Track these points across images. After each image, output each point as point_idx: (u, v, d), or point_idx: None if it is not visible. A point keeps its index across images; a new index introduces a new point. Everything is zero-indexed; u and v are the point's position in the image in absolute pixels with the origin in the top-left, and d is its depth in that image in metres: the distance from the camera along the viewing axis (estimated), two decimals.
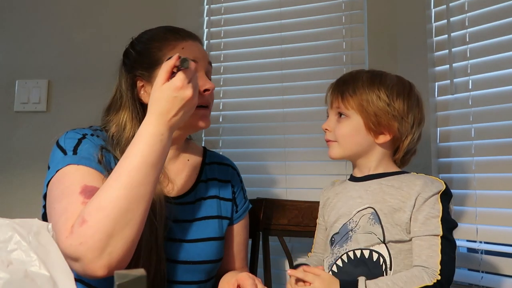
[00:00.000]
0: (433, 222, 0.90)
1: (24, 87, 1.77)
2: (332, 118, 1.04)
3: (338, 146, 1.03)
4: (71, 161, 0.93)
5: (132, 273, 0.51)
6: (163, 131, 0.87)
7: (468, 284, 1.24)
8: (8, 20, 1.82)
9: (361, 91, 1.00)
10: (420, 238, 0.91)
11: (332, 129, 1.03)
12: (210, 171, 1.16)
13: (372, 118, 0.99)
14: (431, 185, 0.94)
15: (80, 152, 0.95)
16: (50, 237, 0.64)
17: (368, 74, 1.03)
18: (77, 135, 0.99)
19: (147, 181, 0.86)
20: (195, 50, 1.05)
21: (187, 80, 0.88)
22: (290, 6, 1.63)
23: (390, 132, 0.99)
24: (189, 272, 1.04)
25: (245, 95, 1.66)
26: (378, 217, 0.94)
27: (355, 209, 0.98)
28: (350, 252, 0.95)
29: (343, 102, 1.01)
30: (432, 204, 0.92)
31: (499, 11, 1.26)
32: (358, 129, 1.00)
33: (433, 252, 0.88)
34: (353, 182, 1.05)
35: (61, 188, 0.91)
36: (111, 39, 1.74)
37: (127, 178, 0.84)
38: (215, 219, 1.10)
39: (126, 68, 1.07)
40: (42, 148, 1.05)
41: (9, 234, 0.60)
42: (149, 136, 0.87)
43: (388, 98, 0.99)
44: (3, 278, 0.55)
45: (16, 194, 1.73)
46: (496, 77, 1.26)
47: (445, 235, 0.90)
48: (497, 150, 1.25)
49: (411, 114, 1.00)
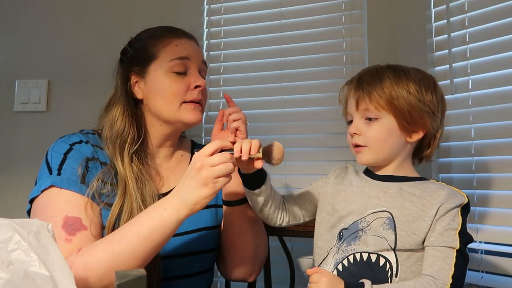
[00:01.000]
0: (451, 234, 0.88)
1: (24, 87, 1.77)
2: (358, 121, 0.97)
3: (370, 151, 0.97)
4: (54, 182, 0.95)
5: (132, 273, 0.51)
6: (182, 217, 0.87)
7: (468, 284, 1.24)
8: (8, 20, 1.82)
9: (390, 89, 0.94)
10: (435, 248, 0.88)
11: (362, 133, 0.97)
12: None
13: (406, 117, 0.94)
14: (454, 197, 0.91)
15: (64, 172, 0.97)
16: (50, 237, 0.64)
17: (391, 71, 0.98)
18: (65, 147, 1.00)
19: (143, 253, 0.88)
20: (189, 47, 1.08)
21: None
22: (290, 6, 1.63)
23: (424, 128, 0.96)
24: (185, 264, 1.05)
25: (245, 95, 1.65)
26: (394, 223, 0.91)
27: (370, 209, 0.95)
28: (357, 253, 0.93)
29: (372, 103, 0.95)
30: (452, 216, 0.89)
31: (499, 11, 1.26)
32: (391, 130, 0.95)
33: (447, 265, 0.86)
34: (370, 178, 1.01)
35: (44, 216, 0.93)
36: (111, 39, 1.73)
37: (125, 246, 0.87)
38: (208, 209, 1.11)
39: (122, 65, 1.10)
40: (42, 148, 1.06)
41: (9, 234, 0.60)
42: (165, 218, 0.87)
43: (418, 92, 0.95)
44: (3, 278, 0.55)
45: (16, 194, 1.72)
46: (496, 77, 1.26)
47: (461, 249, 0.87)
48: (497, 150, 1.25)
49: (440, 107, 0.98)
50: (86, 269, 0.85)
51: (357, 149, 0.98)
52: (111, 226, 0.97)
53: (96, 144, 1.04)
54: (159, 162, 1.10)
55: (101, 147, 1.04)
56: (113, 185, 0.99)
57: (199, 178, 0.83)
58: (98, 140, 1.06)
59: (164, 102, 1.03)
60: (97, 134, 1.07)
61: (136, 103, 1.08)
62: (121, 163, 1.00)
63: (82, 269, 0.85)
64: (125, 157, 1.01)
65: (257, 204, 1.00)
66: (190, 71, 1.06)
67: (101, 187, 0.98)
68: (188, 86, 1.04)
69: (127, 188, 0.99)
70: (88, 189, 0.96)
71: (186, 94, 1.04)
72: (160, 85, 1.03)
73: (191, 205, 0.85)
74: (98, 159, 1.02)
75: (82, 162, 0.98)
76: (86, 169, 0.98)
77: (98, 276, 0.85)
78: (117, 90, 1.08)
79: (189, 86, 1.04)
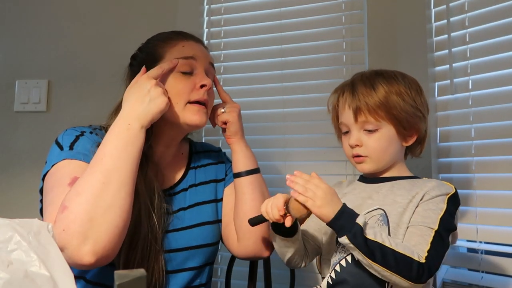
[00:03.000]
0: (432, 216, 0.89)
1: (24, 87, 1.77)
2: (357, 132, 0.99)
3: (371, 161, 0.99)
4: (66, 156, 0.95)
5: (132, 273, 0.51)
6: (129, 121, 0.91)
7: (468, 284, 1.24)
8: (8, 20, 1.82)
9: (387, 98, 0.96)
10: (413, 226, 0.89)
11: (363, 144, 0.98)
12: (199, 158, 1.18)
13: (404, 123, 0.97)
14: (441, 186, 0.93)
15: (76, 148, 0.97)
16: (50, 237, 0.64)
17: (382, 78, 1.00)
18: (76, 132, 1.01)
19: (120, 166, 0.88)
20: (195, 48, 1.08)
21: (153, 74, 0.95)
22: (290, 6, 1.63)
23: (417, 131, 1.00)
24: (187, 258, 1.06)
25: (245, 95, 1.65)
26: (387, 218, 0.93)
27: (365, 210, 0.96)
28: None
29: (371, 114, 0.96)
30: (436, 203, 0.91)
31: (499, 11, 1.26)
32: (391, 139, 0.98)
33: (424, 241, 0.86)
34: (363, 183, 1.04)
35: (53, 180, 0.93)
36: (111, 39, 1.74)
37: (101, 163, 0.87)
38: (208, 204, 1.12)
39: (131, 68, 1.10)
40: (42, 148, 1.06)
41: (9, 234, 0.60)
42: (117, 127, 0.92)
43: (410, 98, 0.98)
44: (3, 278, 0.55)
45: (16, 194, 1.73)
46: (496, 77, 1.26)
47: (440, 231, 0.88)
48: (497, 150, 1.25)
49: (427, 109, 1.02)
50: (77, 194, 0.84)
51: (358, 159, 1.00)
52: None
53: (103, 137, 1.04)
54: (163, 161, 1.11)
55: None
56: None
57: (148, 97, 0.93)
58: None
59: (169, 102, 1.02)
60: (104, 130, 1.06)
61: None
62: None
63: (74, 196, 0.84)
64: None
65: (286, 252, 1.01)
66: (196, 71, 1.05)
67: None
68: (193, 85, 1.03)
69: (136, 187, 0.98)
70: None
71: (191, 93, 1.03)
72: (165, 84, 1.02)
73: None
74: None
75: (95, 144, 0.97)
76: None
77: (92, 199, 0.84)
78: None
79: (195, 85, 1.03)
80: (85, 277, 1.01)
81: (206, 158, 1.20)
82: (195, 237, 1.08)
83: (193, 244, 1.07)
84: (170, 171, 1.12)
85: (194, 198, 1.11)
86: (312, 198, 0.87)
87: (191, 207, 1.10)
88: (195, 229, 1.08)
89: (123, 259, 0.94)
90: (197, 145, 1.23)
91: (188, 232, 1.07)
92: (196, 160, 1.17)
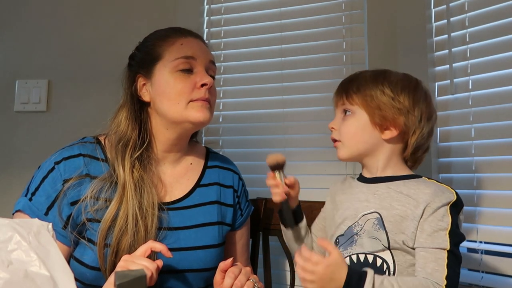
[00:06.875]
0: (441, 235, 0.87)
1: (24, 87, 1.77)
2: (337, 116, 1.03)
3: (343, 146, 1.01)
4: (21, 207, 0.99)
5: (132, 273, 0.51)
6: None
7: (468, 284, 1.24)
8: (8, 20, 1.82)
9: (365, 87, 0.99)
10: (425, 250, 0.88)
11: (338, 128, 1.02)
12: (212, 175, 1.14)
13: (377, 112, 0.97)
14: (441, 195, 0.90)
15: (34, 199, 0.98)
16: (50, 237, 0.64)
17: (372, 72, 1.03)
18: (50, 166, 1.00)
19: None
20: (194, 46, 1.06)
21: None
22: (290, 6, 1.63)
23: (396, 127, 0.97)
24: (186, 281, 1.03)
25: (245, 95, 1.65)
26: (382, 222, 0.92)
27: (361, 212, 0.96)
28: (353, 255, 0.94)
29: (348, 99, 1.00)
30: (440, 216, 0.89)
31: (499, 11, 1.26)
32: (364, 125, 0.99)
33: (439, 266, 0.85)
34: (361, 183, 1.03)
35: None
36: (111, 39, 1.74)
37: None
38: (215, 226, 1.08)
39: (130, 69, 1.08)
40: (42, 148, 1.06)
41: (9, 234, 0.60)
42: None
43: (393, 92, 0.98)
44: (3, 278, 0.55)
45: (16, 194, 1.72)
46: (496, 77, 1.26)
47: (452, 249, 0.87)
48: (497, 150, 1.24)
49: (418, 108, 0.98)
50: None
51: (334, 144, 1.04)
52: (104, 233, 0.94)
53: (92, 155, 1.02)
54: (164, 168, 1.08)
55: (98, 157, 1.02)
56: (107, 200, 0.97)
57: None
58: (97, 149, 1.04)
59: (170, 102, 1.01)
60: (97, 142, 1.06)
61: (142, 107, 1.06)
62: (121, 167, 0.98)
63: None
64: (126, 162, 0.99)
65: (301, 235, 1.09)
66: (196, 69, 1.03)
67: (92, 204, 0.96)
68: (194, 84, 1.01)
69: (125, 194, 0.97)
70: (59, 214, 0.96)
71: (192, 93, 1.01)
72: (165, 84, 1.01)
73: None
74: (88, 175, 0.99)
75: (60, 184, 0.97)
76: (62, 192, 0.97)
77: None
78: (124, 94, 1.07)
79: (195, 84, 1.01)
80: (83, 281, 0.99)
81: (220, 176, 1.14)
82: (197, 260, 1.03)
83: (194, 268, 1.03)
84: (176, 184, 1.08)
85: (201, 218, 1.07)
86: (311, 284, 0.83)
87: (196, 227, 1.05)
88: (199, 252, 1.04)
89: (109, 268, 0.94)
90: (214, 158, 1.17)
91: (190, 253, 1.03)
92: (208, 177, 1.13)
